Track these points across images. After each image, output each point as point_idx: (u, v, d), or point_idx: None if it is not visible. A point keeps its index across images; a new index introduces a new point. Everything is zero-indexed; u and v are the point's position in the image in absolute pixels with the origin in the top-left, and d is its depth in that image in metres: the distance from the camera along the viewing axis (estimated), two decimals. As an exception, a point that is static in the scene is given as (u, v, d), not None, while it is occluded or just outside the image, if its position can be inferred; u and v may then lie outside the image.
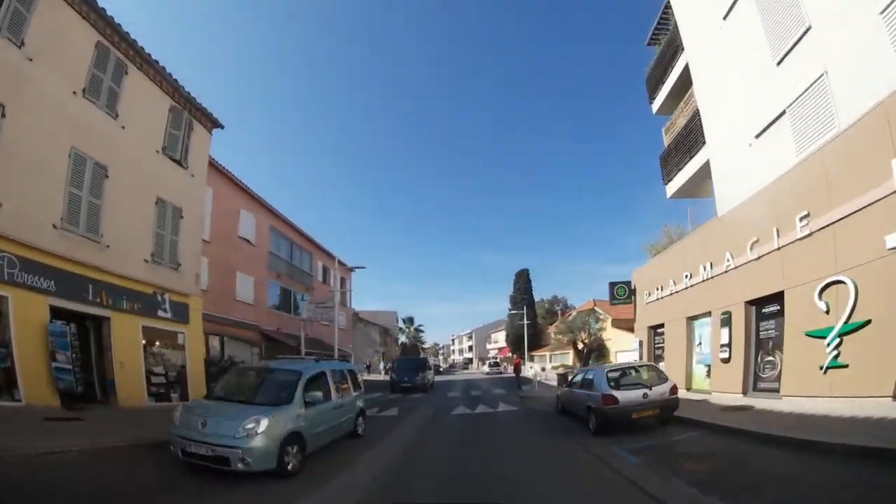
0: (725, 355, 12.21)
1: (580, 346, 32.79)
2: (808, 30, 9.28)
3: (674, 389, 9.63)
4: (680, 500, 4.86)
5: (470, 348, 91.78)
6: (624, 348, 43.72)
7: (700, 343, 14.29)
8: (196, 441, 5.94)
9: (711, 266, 13.09)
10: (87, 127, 10.59)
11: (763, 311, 11.24)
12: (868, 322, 7.64)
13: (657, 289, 16.64)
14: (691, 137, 14.36)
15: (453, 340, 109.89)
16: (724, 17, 12.26)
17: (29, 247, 8.97)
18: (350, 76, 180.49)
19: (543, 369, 25.59)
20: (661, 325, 16.57)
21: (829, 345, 8.38)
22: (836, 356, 8.24)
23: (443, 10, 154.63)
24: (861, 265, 7.74)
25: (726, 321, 12.28)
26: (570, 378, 12.42)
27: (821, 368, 8.51)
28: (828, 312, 8.48)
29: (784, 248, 9.91)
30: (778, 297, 10.24)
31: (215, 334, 19.88)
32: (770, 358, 10.85)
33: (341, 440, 8.65)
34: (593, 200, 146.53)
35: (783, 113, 10.30)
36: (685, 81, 14.80)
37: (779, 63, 10.23)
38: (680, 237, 19.76)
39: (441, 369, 45.28)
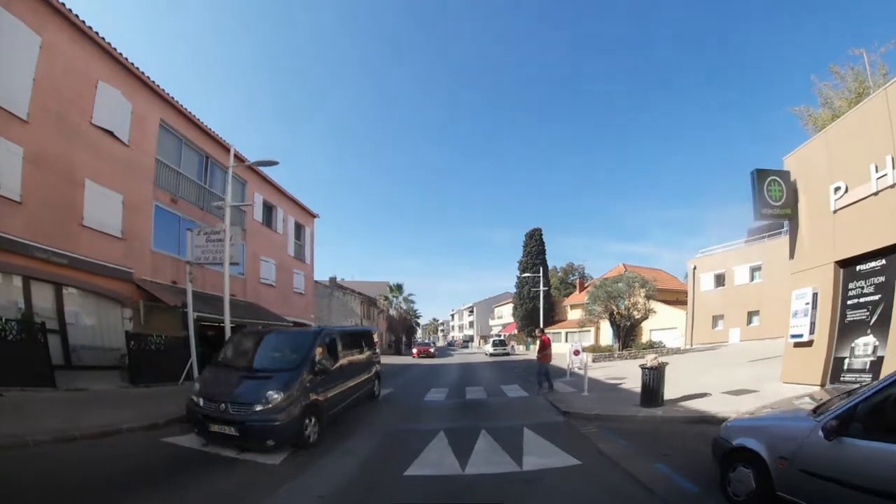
0: None
1: (618, 318, 24.27)
2: None
3: None
4: None
5: (471, 324, 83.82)
6: (661, 326, 35.51)
7: None
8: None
9: None
10: None
11: None
12: None
13: (876, 169, 7.76)
14: None
15: (453, 316, 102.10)
16: None
17: None
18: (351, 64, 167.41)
19: (578, 353, 16.76)
20: (883, 253, 7.77)
21: None
22: None
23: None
24: None
25: None
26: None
27: None
28: None
29: None
30: None
31: (36, 278, 11.68)
32: None
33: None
34: (602, 177, 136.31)
35: None
36: None
37: None
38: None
39: (433, 350, 36.01)
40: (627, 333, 24.34)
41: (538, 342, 13.69)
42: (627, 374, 15.19)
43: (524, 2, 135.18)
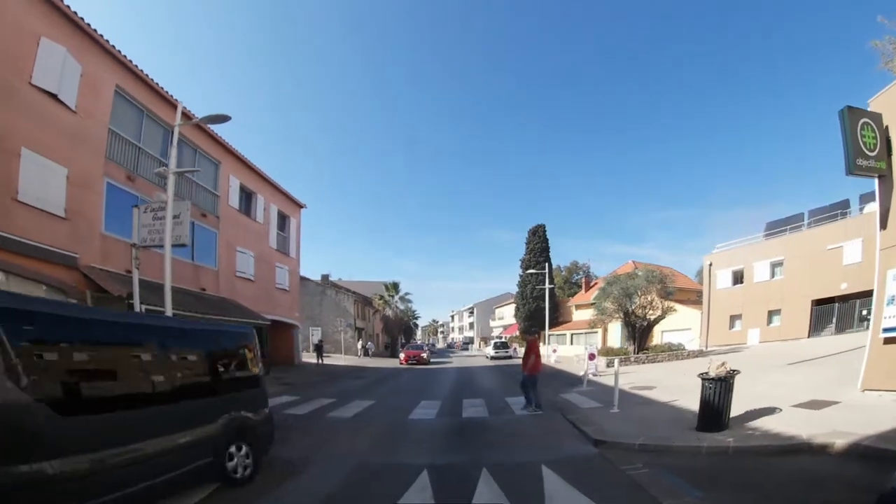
0: None
1: (633, 318, 22.16)
2: None
3: None
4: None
5: (471, 326, 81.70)
6: (674, 327, 33.34)
7: None
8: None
9: None
10: None
11: None
12: None
13: None
14: None
15: (453, 317, 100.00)
16: None
17: None
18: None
19: (593, 357, 14.77)
20: None
21: None
22: None
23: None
24: None
25: None
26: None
27: None
28: None
29: None
30: None
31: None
32: None
33: None
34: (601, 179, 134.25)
35: None
36: None
37: None
38: None
39: (426, 355, 30.86)
40: (643, 335, 22.29)
41: (528, 345, 10.41)
42: (653, 381, 13.15)
43: (529, 4, 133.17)
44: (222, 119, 9.58)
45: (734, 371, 6.39)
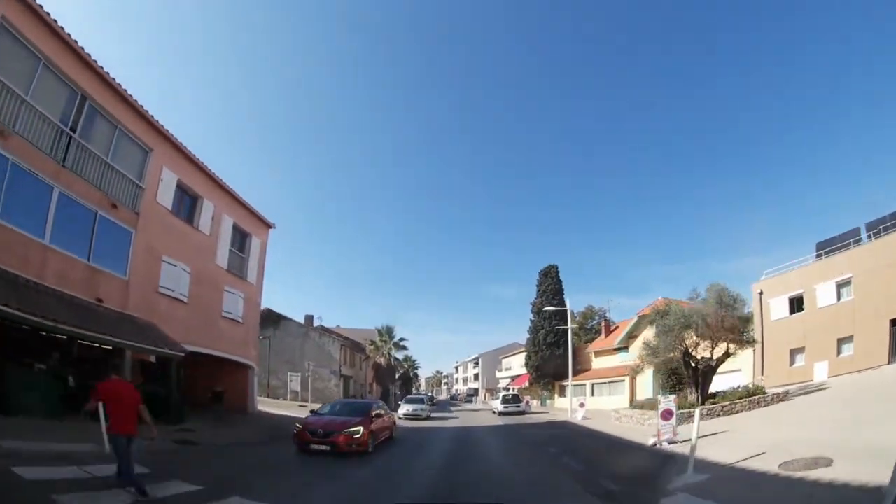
0: None
1: (695, 360, 16.76)
2: None
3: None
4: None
5: (476, 377, 75.18)
6: (721, 369, 27.74)
7: None
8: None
9: None
10: None
11: None
12: None
13: None
14: None
15: (457, 368, 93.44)
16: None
17: None
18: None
19: (670, 415, 9.79)
20: None
21: None
22: None
23: None
24: None
25: None
26: None
27: None
28: None
29: None
30: None
31: None
32: None
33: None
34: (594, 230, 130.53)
35: None
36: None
37: None
38: None
39: (354, 431, 13.06)
40: (706, 379, 16.91)
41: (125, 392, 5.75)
42: (797, 444, 7.96)
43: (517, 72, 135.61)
44: None
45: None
